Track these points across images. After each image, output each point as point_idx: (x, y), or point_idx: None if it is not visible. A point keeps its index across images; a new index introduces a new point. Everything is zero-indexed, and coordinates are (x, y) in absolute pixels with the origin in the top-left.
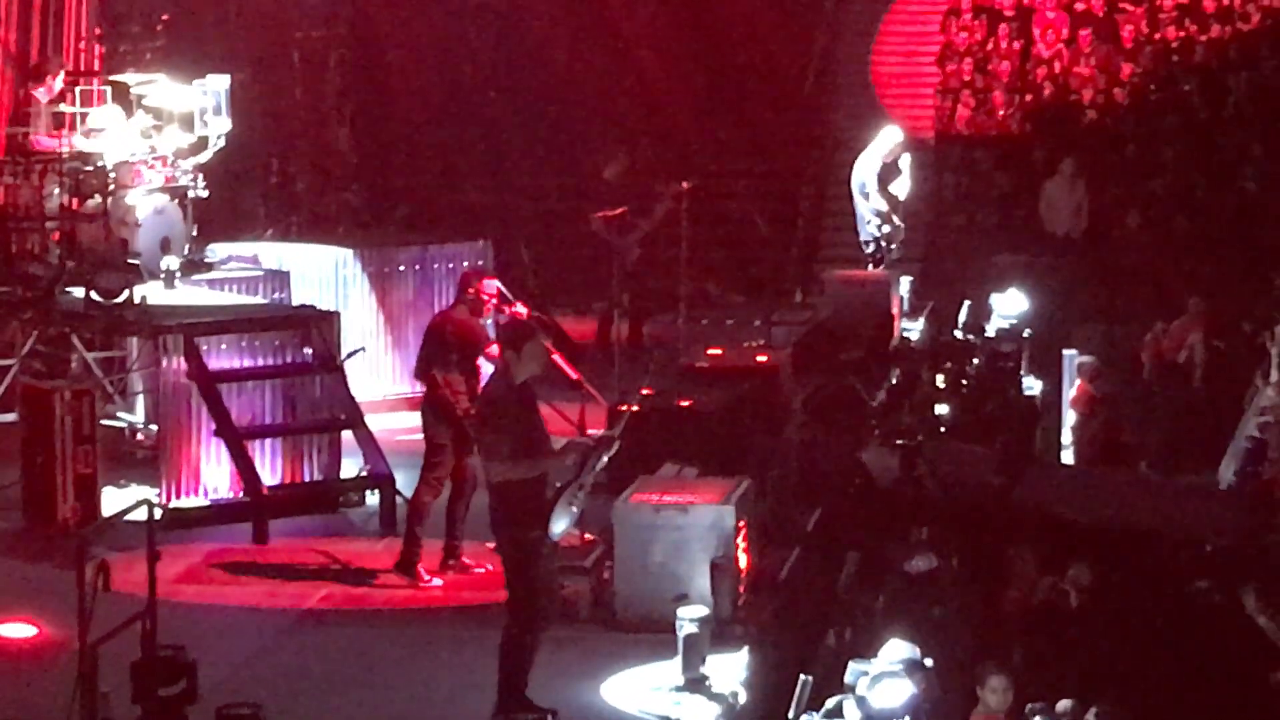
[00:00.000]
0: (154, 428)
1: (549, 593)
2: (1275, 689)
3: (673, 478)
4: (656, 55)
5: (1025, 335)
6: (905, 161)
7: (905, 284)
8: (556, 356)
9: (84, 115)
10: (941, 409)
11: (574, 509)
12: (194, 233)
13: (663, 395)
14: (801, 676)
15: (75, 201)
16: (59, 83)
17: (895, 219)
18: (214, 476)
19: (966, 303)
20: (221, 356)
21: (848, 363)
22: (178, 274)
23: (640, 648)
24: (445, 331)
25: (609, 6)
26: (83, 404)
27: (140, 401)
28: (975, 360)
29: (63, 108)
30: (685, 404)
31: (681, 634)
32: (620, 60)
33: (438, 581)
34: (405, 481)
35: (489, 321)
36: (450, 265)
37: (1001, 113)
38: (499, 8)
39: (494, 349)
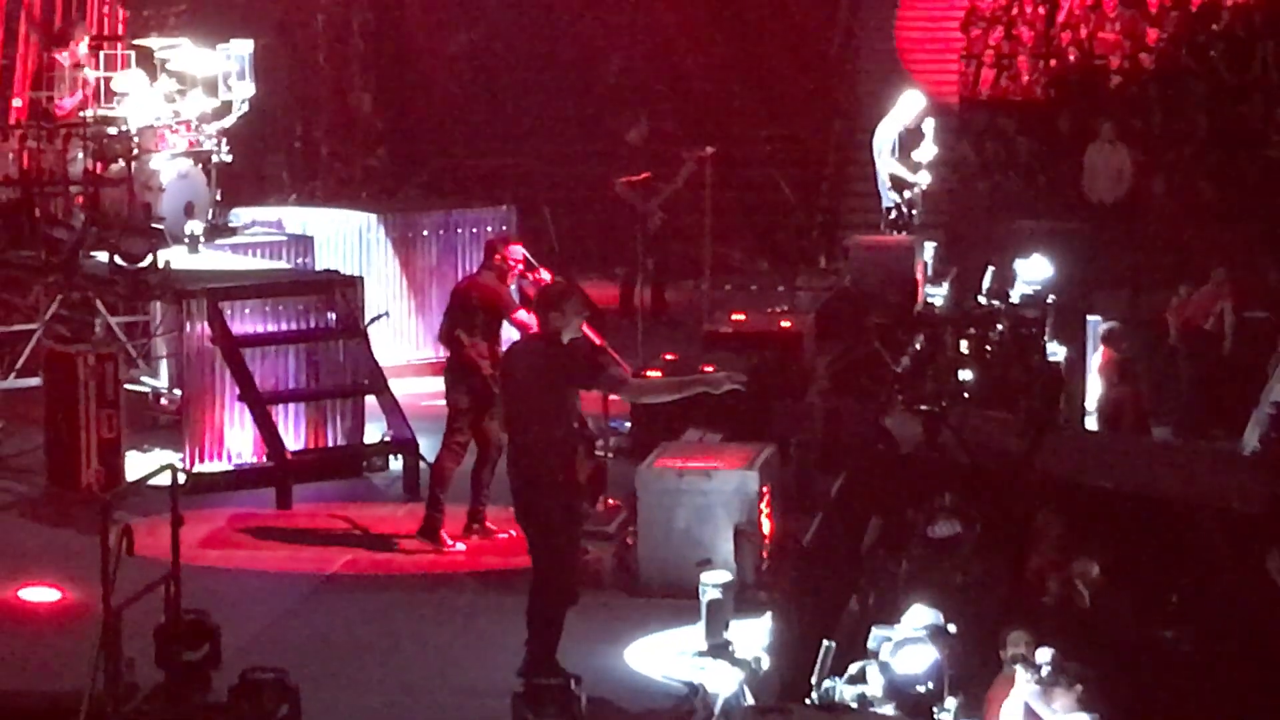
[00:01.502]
0: (177, 392)
1: (577, 564)
2: None
3: (696, 443)
4: (680, 20)
5: (1049, 301)
6: (929, 126)
7: (929, 249)
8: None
9: (108, 80)
10: (965, 375)
11: None
12: (218, 197)
13: (686, 361)
14: (825, 642)
15: (99, 166)
16: (83, 47)
17: (915, 184)
18: (237, 441)
19: (990, 268)
20: (245, 321)
21: (872, 328)
22: (201, 238)
23: (663, 613)
24: (470, 296)
25: None
26: (106, 368)
27: (164, 366)
28: (999, 326)
29: (87, 72)
30: (709, 369)
31: (705, 599)
32: (643, 24)
33: (461, 546)
34: (428, 446)
35: (514, 287)
36: (474, 230)
37: (1026, 78)
38: None
39: (520, 314)
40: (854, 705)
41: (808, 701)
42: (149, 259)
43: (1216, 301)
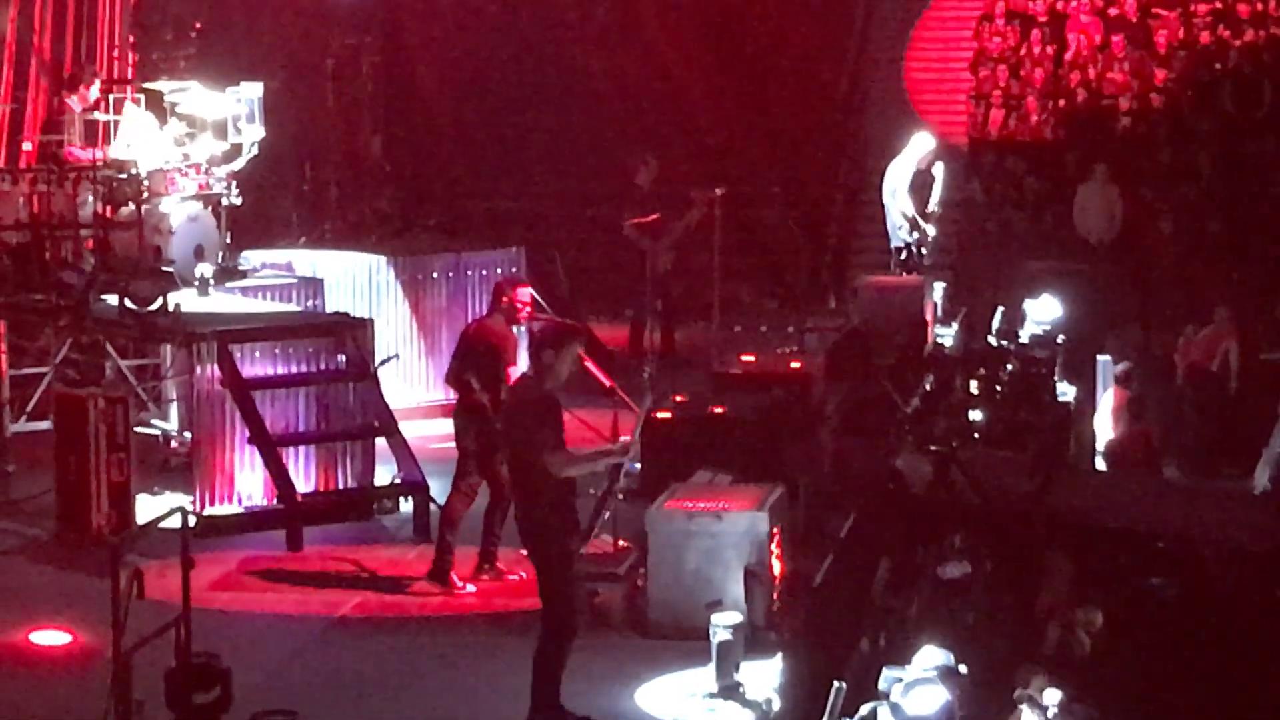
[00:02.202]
0: (188, 435)
1: (579, 601)
2: None
3: (706, 484)
4: (688, 62)
5: (1059, 341)
6: (939, 169)
7: (938, 290)
8: (589, 363)
9: (117, 123)
10: (975, 415)
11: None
12: (227, 240)
13: (696, 402)
14: (835, 683)
15: (109, 209)
16: (93, 91)
17: (924, 225)
18: (248, 484)
19: (1000, 308)
20: (255, 364)
21: (881, 369)
22: (211, 281)
23: (674, 654)
24: (479, 339)
25: (640, 13)
26: (116, 411)
27: (174, 409)
28: (1009, 366)
29: (96, 116)
30: (718, 410)
31: (715, 641)
32: (652, 67)
33: (471, 588)
34: (439, 489)
35: (522, 330)
36: (483, 272)
37: (1035, 118)
38: (529, 16)
39: (511, 370)
40: None
41: None
42: (159, 302)
43: (1221, 341)
